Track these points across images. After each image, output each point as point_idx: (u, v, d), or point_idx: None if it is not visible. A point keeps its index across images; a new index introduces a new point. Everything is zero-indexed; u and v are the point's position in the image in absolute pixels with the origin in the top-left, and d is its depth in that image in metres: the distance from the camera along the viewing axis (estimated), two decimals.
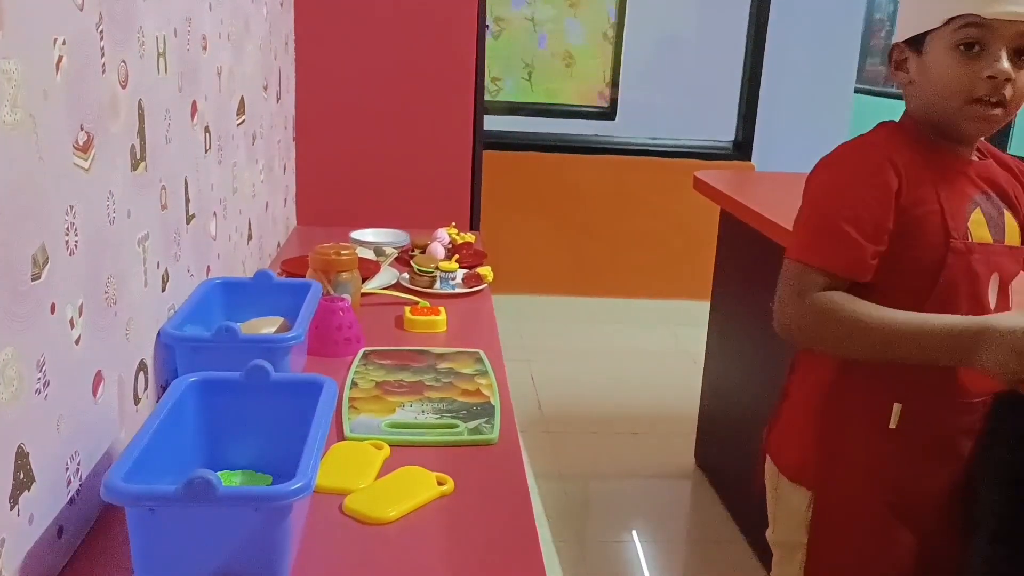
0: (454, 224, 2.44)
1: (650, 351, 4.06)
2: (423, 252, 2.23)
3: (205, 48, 1.56)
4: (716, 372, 2.91)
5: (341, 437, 1.36)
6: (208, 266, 1.64)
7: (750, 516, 2.62)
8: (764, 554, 2.47)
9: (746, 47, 4.38)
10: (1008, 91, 1.19)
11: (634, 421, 3.32)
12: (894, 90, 8.02)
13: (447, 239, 2.31)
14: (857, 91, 7.83)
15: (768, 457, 1.51)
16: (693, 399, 3.05)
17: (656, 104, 4.47)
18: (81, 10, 1.01)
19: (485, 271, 2.17)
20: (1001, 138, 4.67)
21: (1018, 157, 1.39)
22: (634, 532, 2.68)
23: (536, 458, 2.95)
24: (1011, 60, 1.18)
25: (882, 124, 1.36)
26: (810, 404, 1.41)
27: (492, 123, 3.56)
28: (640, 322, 4.21)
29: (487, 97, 4.28)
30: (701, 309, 2.98)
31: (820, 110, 4.59)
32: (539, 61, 4.35)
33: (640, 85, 4.45)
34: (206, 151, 1.60)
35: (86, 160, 1.03)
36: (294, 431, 1.11)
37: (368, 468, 1.26)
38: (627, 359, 3.80)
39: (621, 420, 3.28)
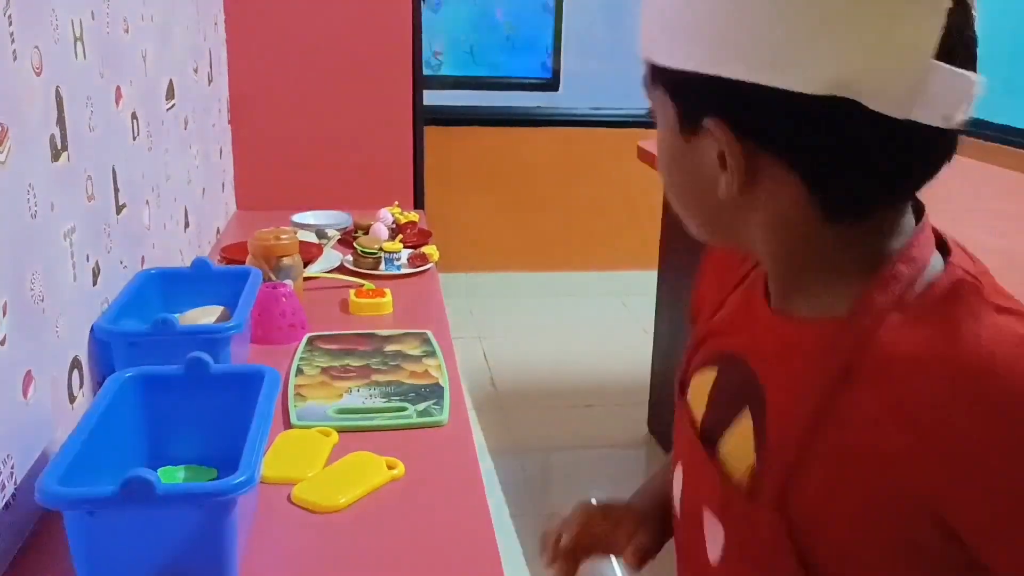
0: (397, 203, 2.40)
1: (601, 322, 4.08)
2: (366, 233, 2.20)
3: (127, 31, 1.50)
4: (666, 340, 2.93)
5: (288, 426, 1.34)
6: (143, 256, 1.59)
7: None
8: None
9: None
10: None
11: (587, 393, 3.33)
12: None
13: (390, 219, 2.28)
14: None
15: None
16: (645, 368, 3.07)
17: (600, 72, 4.45)
18: None
19: (430, 250, 2.14)
20: None
21: None
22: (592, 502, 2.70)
23: (492, 434, 2.95)
24: None
25: None
26: None
27: (434, 98, 3.52)
28: (590, 294, 4.23)
29: (429, 72, 4.23)
30: (650, 278, 2.99)
31: None
32: (481, 34, 4.31)
33: (583, 54, 4.43)
34: (134, 138, 1.54)
35: (1, 153, 0.99)
36: (237, 423, 1.09)
37: (316, 456, 1.24)
38: (579, 331, 3.81)
39: (575, 393, 3.30)
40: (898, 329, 0.59)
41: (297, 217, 2.39)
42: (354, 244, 2.11)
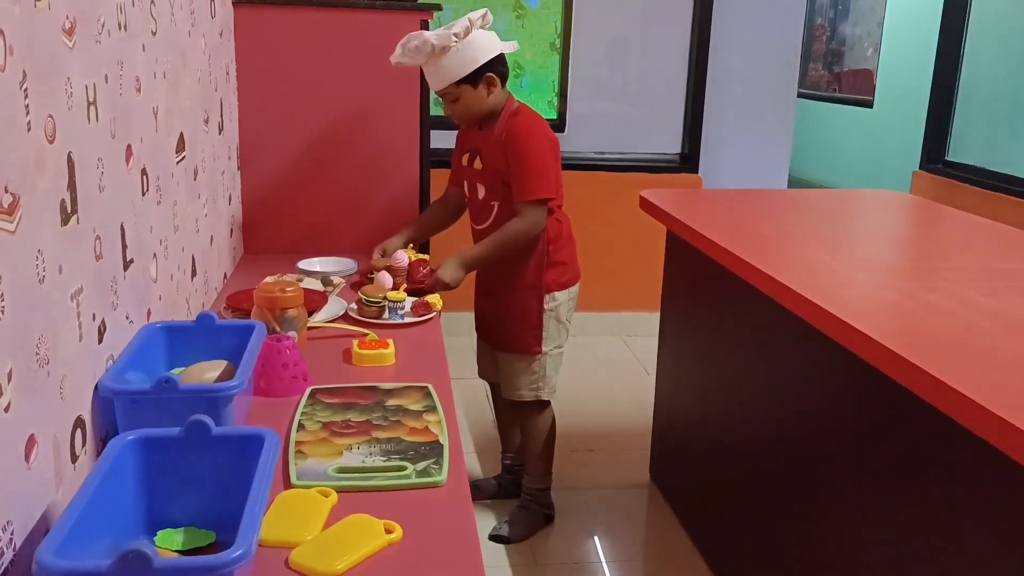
0: (411, 246, 2.44)
1: (604, 363, 4.09)
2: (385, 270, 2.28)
3: (139, 90, 1.54)
4: (667, 386, 2.93)
5: (288, 484, 1.35)
6: (149, 309, 1.61)
7: (704, 531, 2.64)
8: (718, 569, 2.50)
9: (689, 59, 4.43)
10: (454, 116, 2.43)
11: (589, 437, 3.33)
12: (836, 94, 8.18)
13: (405, 259, 2.33)
14: (802, 96, 7.97)
15: None
16: (647, 411, 3.07)
17: (605, 116, 4.50)
18: (3, 71, 0.99)
19: (434, 299, 2.16)
20: (940, 143, 4.78)
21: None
22: (590, 551, 2.69)
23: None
24: (447, 103, 2.41)
25: None
26: None
27: (443, 139, 3.56)
28: (593, 334, 4.24)
29: (438, 112, 4.28)
30: (652, 320, 3.00)
31: (765, 117, 4.64)
32: None
33: (589, 96, 4.48)
34: (143, 193, 1.57)
35: (11, 223, 1.01)
36: (237, 485, 1.10)
37: (315, 518, 1.25)
38: (582, 372, 3.81)
39: (577, 436, 3.30)
40: (508, 120, 2.38)
41: (303, 263, 2.41)
42: (359, 293, 2.13)
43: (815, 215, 2.68)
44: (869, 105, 7.21)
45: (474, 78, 2.33)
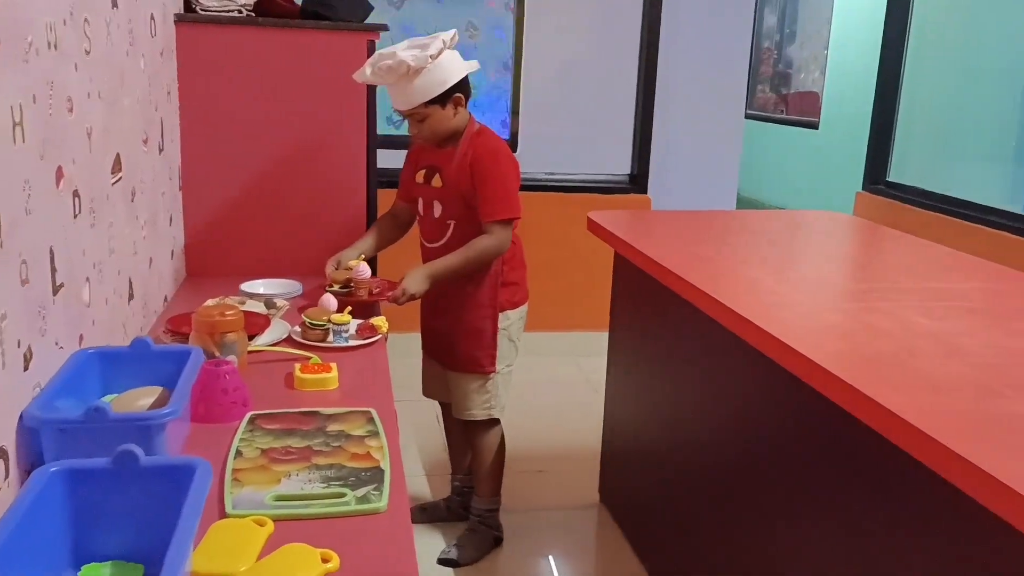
0: (362, 256, 2.43)
1: (555, 382, 4.09)
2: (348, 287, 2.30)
3: (71, 110, 1.50)
4: (616, 407, 2.94)
5: (223, 514, 1.31)
6: (81, 335, 1.57)
7: (653, 553, 2.64)
8: None
9: (637, 81, 4.48)
10: (420, 135, 2.41)
11: (539, 458, 3.32)
12: (783, 116, 8.33)
13: (368, 271, 2.35)
14: (750, 117, 8.11)
15: None
16: (597, 432, 3.07)
17: (556, 136, 4.52)
18: None
19: (379, 321, 2.14)
20: (881, 165, 4.89)
21: None
22: (539, 574, 2.67)
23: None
24: (412, 122, 2.39)
25: None
26: None
27: (391, 159, 3.54)
28: (546, 354, 4.23)
29: (390, 130, 4.26)
30: (604, 340, 3.01)
31: (713, 138, 4.71)
32: None
33: (540, 117, 4.50)
34: (75, 216, 1.53)
35: None
36: (167, 517, 1.07)
37: (250, 548, 1.21)
38: (533, 392, 3.81)
39: (527, 458, 3.28)
40: (472, 140, 2.40)
41: (246, 286, 2.38)
42: (302, 315, 2.10)
43: (759, 236, 2.71)
44: (815, 127, 7.36)
45: (443, 98, 2.33)
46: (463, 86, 2.37)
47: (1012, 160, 5.08)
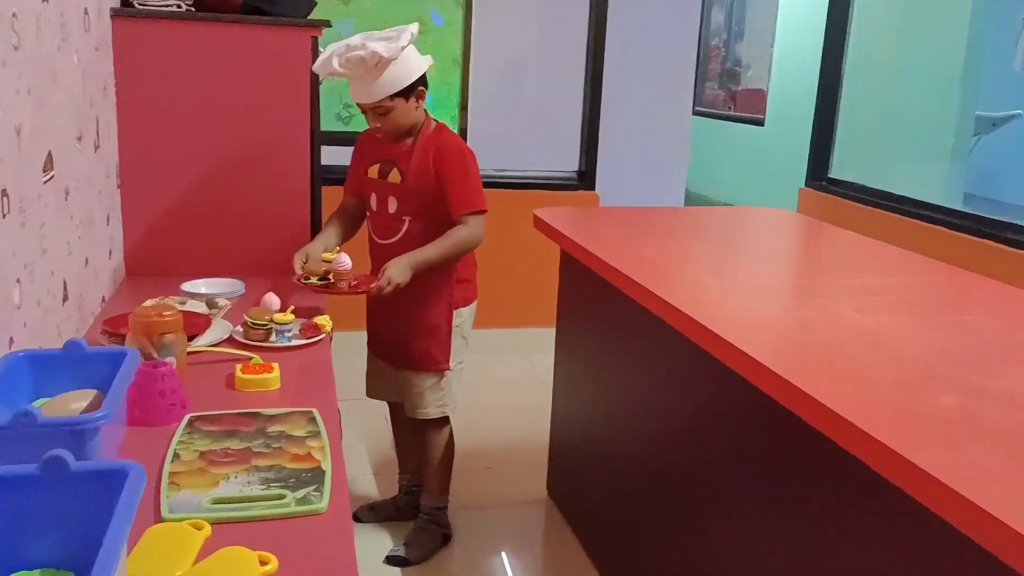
0: (337, 248, 2.40)
1: (505, 379, 4.10)
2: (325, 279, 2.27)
3: None
4: (563, 402, 2.96)
5: (159, 519, 1.30)
6: (11, 338, 1.53)
7: (600, 547, 2.67)
8: None
9: (585, 78, 4.51)
10: (381, 129, 2.37)
11: (488, 455, 3.33)
12: (731, 113, 8.43)
13: (349, 261, 2.29)
14: (698, 114, 8.21)
15: None
16: (547, 427, 3.09)
17: (505, 132, 4.53)
18: None
19: (323, 320, 2.12)
20: (823, 161, 4.98)
21: None
22: (488, 571, 2.68)
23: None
24: (376, 116, 2.34)
25: None
26: None
27: (338, 156, 3.51)
28: (497, 351, 4.24)
29: (339, 126, 4.23)
30: (554, 336, 3.03)
31: (662, 135, 4.76)
32: None
33: (489, 114, 4.50)
34: (3, 216, 1.50)
35: None
36: (98, 523, 1.05)
37: (186, 553, 1.20)
38: (483, 389, 3.81)
39: (476, 455, 3.29)
40: (434, 136, 2.42)
41: (187, 286, 2.34)
42: (244, 315, 2.08)
43: (703, 233, 2.75)
44: (761, 124, 7.48)
45: (408, 91, 2.32)
46: (423, 79, 2.37)
47: (948, 157, 5.22)
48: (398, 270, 2.31)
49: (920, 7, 5.25)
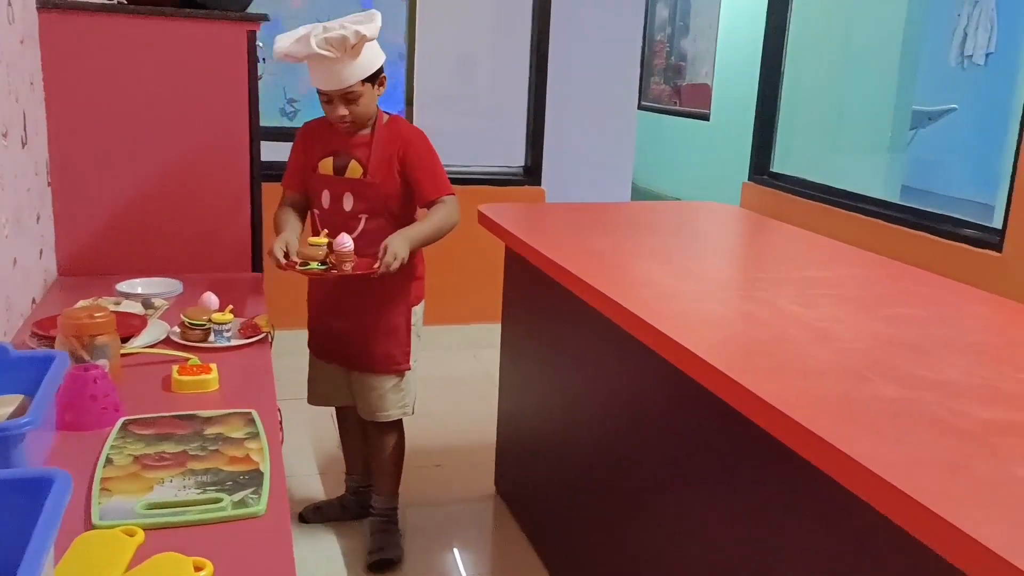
0: (325, 231, 2.31)
1: (453, 376, 4.08)
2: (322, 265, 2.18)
3: None
4: (510, 399, 2.95)
5: (89, 526, 1.26)
6: None
7: (547, 543, 2.67)
8: None
9: (529, 73, 4.50)
10: (347, 118, 2.29)
11: (436, 453, 3.31)
12: (677, 108, 8.51)
13: (351, 242, 2.22)
14: (644, 109, 8.27)
15: None
16: (495, 423, 3.08)
17: (450, 127, 4.51)
18: None
19: (262, 320, 2.09)
20: (765, 156, 5.05)
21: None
22: (437, 569, 2.67)
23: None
24: (345, 103, 2.27)
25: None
26: None
27: (281, 151, 3.45)
28: (444, 347, 4.22)
29: (285, 121, 4.16)
30: (499, 331, 3.02)
31: (607, 130, 4.77)
32: None
33: (433, 109, 4.48)
34: None
35: None
36: (22, 533, 1.01)
37: (117, 560, 1.17)
38: (430, 386, 3.77)
39: (424, 453, 3.27)
40: (392, 126, 2.39)
41: (123, 285, 2.29)
42: (181, 315, 2.03)
43: (646, 228, 2.76)
44: (707, 118, 7.56)
45: (374, 77, 2.29)
46: (382, 66, 2.33)
47: (886, 150, 5.33)
48: (400, 245, 2.21)
49: (857, 2, 5.35)
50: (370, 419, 2.56)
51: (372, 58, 2.26)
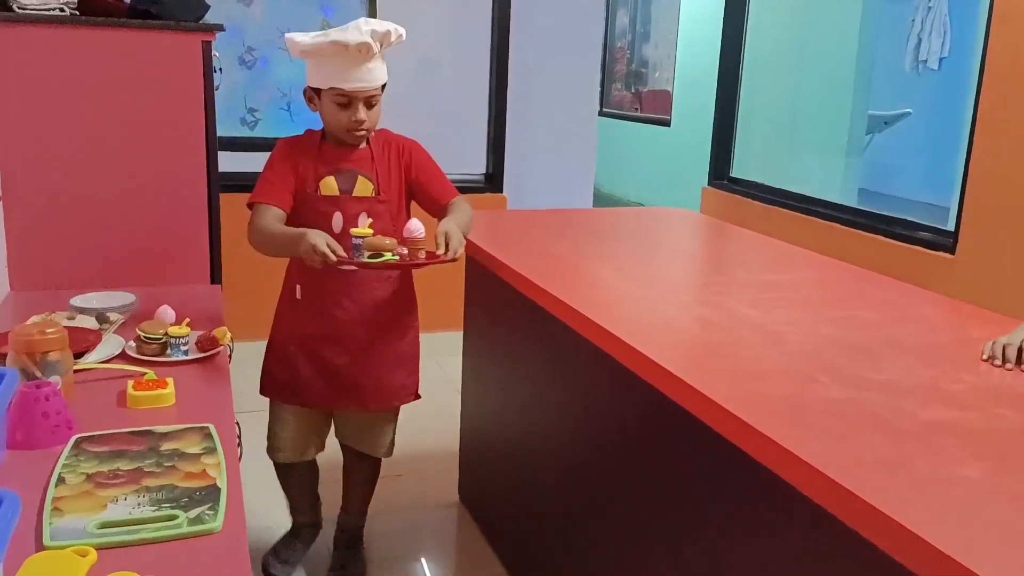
0: (370, 221, 2.14)
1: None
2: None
3: None
4: (472, 406, 2.95)
5: (41, 547, 1.24)
6: None
7: (510, 550, 2.67)
8: None
9: (489, 80, 4.52)
10: (364, 124, 2.15)
11: (398, 463, 3.29)
12: (638, 114, 8.58)
13: (423, 229, 2.08)
14: (605, 115, 8.32)
15: None
16: (457, 431, 3.08)
17: (411, 134, 4.50)
18: None
19: (220, 333, 2.07)
20: (724, 161, 5.11)
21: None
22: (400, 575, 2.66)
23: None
24: (367, 107, 2.15)
25: (308, 130, 2.29)
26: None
27: (239, 162, 3.43)
28: None
29: (245, 131, 4.13)
30: (461, 339, 3.02)
31: (568, 136, 4.80)
32: (298, 90, 4.25)
33: (393, 116, 4.46)
34: None
35: None
36: None
37: None
38: None
39: (388, 461, 3.24)
40: (387, 136, 2.28)
41: (77, 300, 2.26)
42: (137, 329, 2.01)
43: (607, 234, 2.78)
44: (668, 124, 7.62)
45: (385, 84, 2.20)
46: None
47: (843, 154, 5.42)
48: (456, 231, 2.05)
49: (813, 8, 5.43)
50: (373, 455, 2.51)
51: (385, 63, 2.19)
